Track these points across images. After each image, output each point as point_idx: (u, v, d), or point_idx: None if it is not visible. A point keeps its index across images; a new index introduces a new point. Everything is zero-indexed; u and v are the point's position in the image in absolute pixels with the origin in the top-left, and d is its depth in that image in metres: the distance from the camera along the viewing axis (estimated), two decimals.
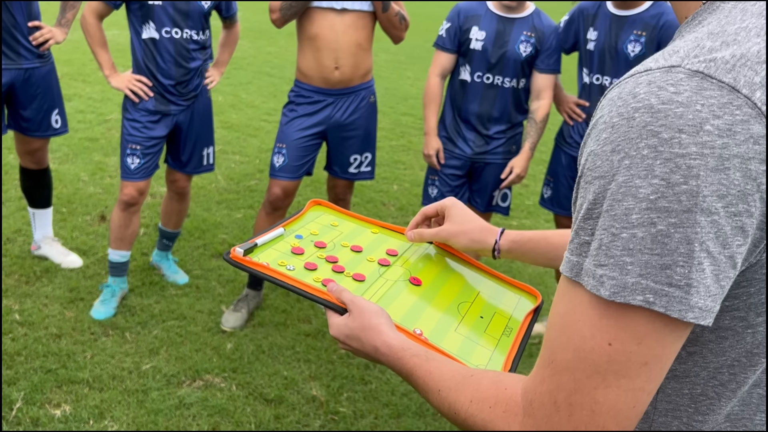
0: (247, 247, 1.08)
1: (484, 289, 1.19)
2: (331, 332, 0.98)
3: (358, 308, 0.95)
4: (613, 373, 0.62)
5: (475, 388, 0.76)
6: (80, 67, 7.72)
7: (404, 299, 1.08)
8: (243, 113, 6.86)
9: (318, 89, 3.02)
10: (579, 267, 0.64)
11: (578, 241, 0.64)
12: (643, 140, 0.59)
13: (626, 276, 0.60)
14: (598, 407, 0.62)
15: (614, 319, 0.61)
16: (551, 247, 1.10)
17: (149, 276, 3.41)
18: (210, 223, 4.14)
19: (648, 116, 0.60)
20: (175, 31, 2.88)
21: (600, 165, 0.62)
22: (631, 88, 0.62)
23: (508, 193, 3.20)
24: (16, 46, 3.05)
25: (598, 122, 0.65)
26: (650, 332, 0.61)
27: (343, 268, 1.12)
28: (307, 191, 4.90)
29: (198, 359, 2.79)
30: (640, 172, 0.59)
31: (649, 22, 2.79)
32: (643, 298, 0.59)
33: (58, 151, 4.97)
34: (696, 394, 0.70)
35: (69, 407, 2.43)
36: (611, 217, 0.61)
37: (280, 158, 3.06)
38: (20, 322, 2.89)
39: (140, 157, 2.97)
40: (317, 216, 1.30)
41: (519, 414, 0.69)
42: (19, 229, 3.73)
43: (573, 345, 0.64)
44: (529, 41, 2.92)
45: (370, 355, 0.93)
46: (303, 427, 2.49)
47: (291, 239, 1.18)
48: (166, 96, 2.97)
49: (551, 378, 0.65)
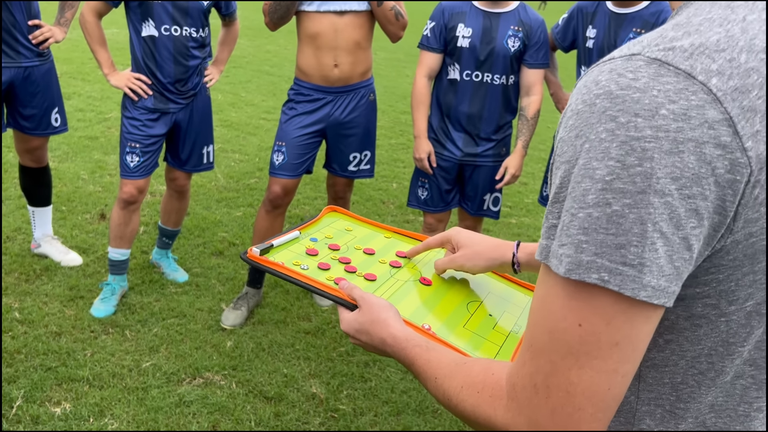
0: (263, 248, 1.13)
1: (494, 289, 1.21)
2: (341, 327, 1.00)
3: (368, 303, 0.98)
4: (585, 353, 0.63)
5: (466, 374, 0.77)
6: (80, 65, 7.71)
7: (414, 298, 1.11)
8: (242, 111, 6.86)
9: (317, 87, 3.02)
10: (547, 250, 0.66)
11: (547, 225, 0.67)
12: (601, 124, 0.61)
13: (581, 254, 0.61)
14: (573, 388, 0.63)
15: (582, 300, 0.62)
16: None
17: (149, 274, 3.41)
18: (210, 222, 4.14)
19: (607, 102, 0.62)
20: (175, 28, 2.88)
21: (566, 150, 0.65)
22: (594, 76, 0.65)
23: (499, 197, 3.12)
24: (16, 44, 3.05)
25: (567, 110, 0.67)
26: (617, 312, 0.62)
27: (355, 269, 1.15)
28: (307, 189, 4.91)
29: (198, 357, 2.79)
30: (597, 155, 0.61)
31: (648, 20, 2.79)
32: (598, 276, 0.61)
33: (57, 149, 4.97)
34: (676, 382, 0.71)
35: (69, 405, 2.43)
36: (572, 198, 0.63)
37: (279, 156, 3.06)
38: (20, 320, 2.90)
39: (139, 156, 2.98)
40: (332, 221, 1.34)
41: (503, 398, 0.70)
42: (19, 228, 3.73)
43: (548, 327, 0.65)
44: (517, 35, 2.87)
45: (378, 348, 0.95)
46: (303, 424, 2.49)
47: (306, 242, 1.22)
48: (165, 94, 2.97)
49: (531, 361, 0.67)
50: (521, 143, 2.97)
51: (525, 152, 2.99)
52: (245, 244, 3.88)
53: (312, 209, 4.59)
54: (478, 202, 3.11)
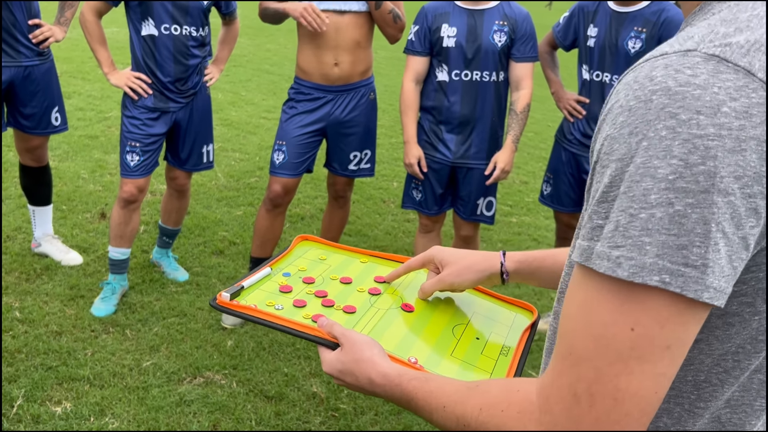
0: (233, 291, 1.07)
1: (479, 309, 1.16)
2: (324, 369, 0.95)
3: (350, 341, 0.93)
4: (635, 358, 0.61)
5: (484, 396, 0.75)
6: (80, 64, 7.71)
7: (397, 327, 1.06)
8: (243, 110, 6.86)
9: (318, 86, 3.02)
10: (590, 251, 0.64)
11: (591, 225, 0.64)
12: (661, 121, 0.60)
13: (644, 256, 0.60)
14: (621, 395, 0.62)
15: (636, 302, 0.61)
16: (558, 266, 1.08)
17: (149, 273, 3.41)
18: (210, 221, 4.14)
19: (666, 98, 0.60)
20: (174, 27, 2.88)
21: (617, 148, 0.63)
22: (647, 72, 0.63)
23: (493, 201, 3.05)
24: (16, 44, 3.05)
25: (614, 107, 0.65)
26: (673, 315, 0.60)
27: (333, 302, 1.10)
28: (308, 188, 4.91)
29: (198, 356, 2.79)
30: (658, 153, 0.60)
31: (649, 19, 2.78)
32: (659, 278, 0.59)
33: (57, 148, 4.97)
34: (699, 380, 0.70)
35: (70, 404, 2.43)
36: (629, 198, 0.61)
37: (280, 155, 3.06)
38: (21, 319, 2.90)
39: (140, 155, 2.97)
40: (305, 251, 1.28)
41: (535, 413, 0.68)
42: (20, 227, 3.73)
43: (593, 333, 0.63)
44: (503, 30, 2.82)
45: (365, 388, 0.91)
46: (303, 423, 2.49)
47: (279, 278, 1.16)
48: (165, 93, 2.97)
49: (570, 370, 0.64)
50: (511, 138, 2.91)
51: (515, 147, 2.93)
52: (246, 243, 3.88)
53: (312, 208, 4.59)
54: (472, 206, 3.04)
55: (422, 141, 3.00)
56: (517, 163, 6.32)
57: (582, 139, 3.03)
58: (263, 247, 3.17)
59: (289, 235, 4.10)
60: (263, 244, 3.16)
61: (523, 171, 6.08)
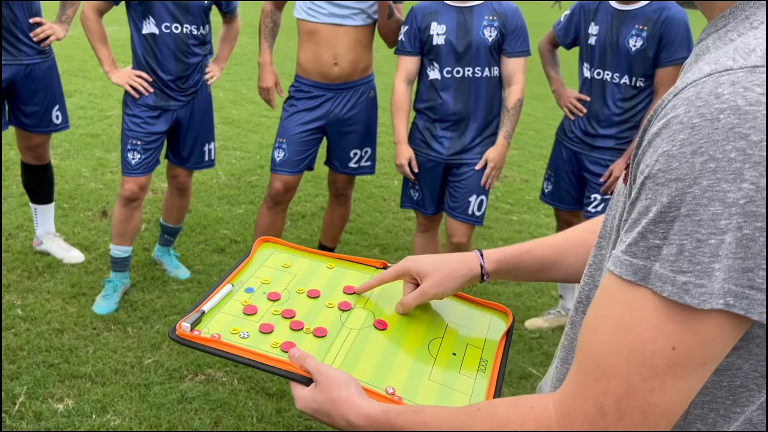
0: (194, 320, 0.98)
1: (453, 317, 1.12)
2: (297, 406, 0.91)
3: (325, 379, 0.89)
4: (671, 375, 0.61)
5: (491, 418, 0.73)
6: (81, 63, 7.72)
7: (371, 350, 1.01)
8: (243, 109, 6.86)
9: (317, 84, 3.02)
10: (646, 271, 0.62)
11: (645, 245, 0.62)
12: (730, 143, 0.58)
13: (714, 283, 0.59)
14: (651, 409, 0.62)
15: (684, 324, 0.60)
16: (535, 260, 1.08)
17: (151, 271, 3.42)
18: (211, 219, 4.15)
19: (735, 118, 0.58)
20: (175, 26, 2.89)
21: (677, 167, 0.60)
22: (712, 88, 0.60)
23: (484, 200, 3.00)
24: (17, 42, 3.05)
25: (672, 122, 0.62)
26: (718, 335, 0.60)
27: (302, 324, 1.02)
28: (308, 186, 4.91)
29: (200, 354, 2.80)
30: (727, 176, 0.57)
31: (650, 17, 2.78)
32: (724, 301, 0.58)
33: (59, 147, 4.98)
34: (735, 386, 0.68)
35: (71, 401, 2.44)
36: (695, 222, 0.59)
37: (280, 153, 3.06)
38: (22, 317, 2.91)
39: (141, 153, 2.98)
40: (267, 256, 1.20)
41: (553, 427, 0.67)
42: (21, 225, 3.74)
43: (628, 349, 0.62)
44: (493, 25, 2.80)
45: (343, 429, 0.87)
46: (304, 420, 2.50)
47: (241, 295, 1.08)
48: (166, 91, 2.98)
49: (597, 383, 0.64)
50: (502, 134, 2.89)
51: (507, 143, 2.90)
52: (247, 241, 3.89)
53: (313, 206, 4.60)
54: (464, 204, 2.98)
55: (417, 140, 2.98)
56: (518, 161, 6.32)
57: (583, 137, 3.03)
58: None
59: (290, 233, 4.10)
60: None
61: (523, 169, 6.09)
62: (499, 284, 3.81)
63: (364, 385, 0.91)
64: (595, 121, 2.97)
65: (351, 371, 0.94)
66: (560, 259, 1.07)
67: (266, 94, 3.17)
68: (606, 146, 2.97)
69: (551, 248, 1.09)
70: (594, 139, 2.99)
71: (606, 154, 2.98)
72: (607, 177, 2.96)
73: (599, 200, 3.02)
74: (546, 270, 1.09)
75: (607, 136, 2.95)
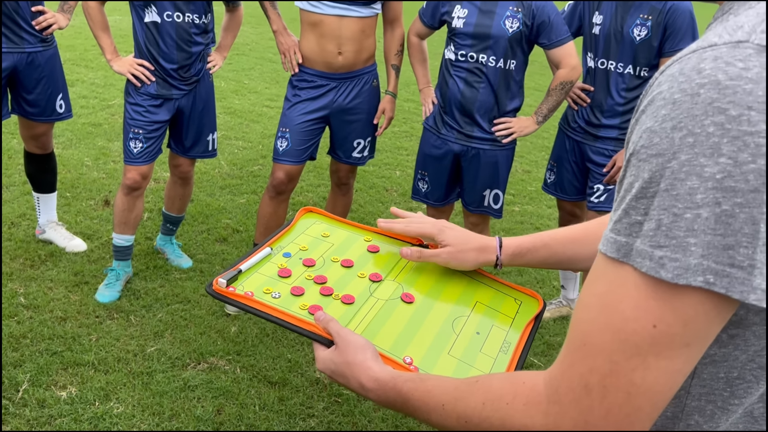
0: (230, 277, 1.04)
1: (482, 298, 1.13)
2: (317, 366, 0.95)
3: (344, 342, 0.92)
4: (654, 354, 0.60)
5: (486, 390, 0.74)
6: (83, 52, 7.70)
7: (395, 321, 1.03)
8: (246, 99, 6.85)
9: (321, 74, 3.02)
10: (628, 247, 0.62)
11: (628, 221, 0.62)
12: (708, 117, 0.57)
13: (689, 257, 0.58)
14: (635, 389, 0.61)
15: (663, 300, 0.59)
16: (551, 253, 1.10)
17: (153, 260, 3.43)
18: (213, 208, 4.15)
19: (715, 92, 0.57)
20: (177, 15, 2.88)
21: (658, 142, 0.60)
22: (694, 64, 0.60)
23: (499, 194, 3.01)
24: (19, 30, 3.04)
25: (656, 98, 0.62)
26: (699, 314, 0.59)
27: (331, 290, 1.07)
28: (310, 177, 4.91)
29: (202, 342, 2.81)
30: (705, 151, 0.57)
31: (655, 6, 2.77)
32: (704, 279, 0.57)
33: (61, 136, 4.97)
34: (732, 377, 0.67)
35: (75, 389, 2.45)
36: (672, 197, 0.58)
37: (283, 142, 3.06)
38: (25, 305, 2.91)
39: (143, 142, 2.98)
40: (308, 225, 1.25)
41: (542, 403, 0.67)
42: (24, 214, 3.74)
43: (612, 326, 0.62)
44: (516, 16, 2.76)
45: (357, 391, 0.90)
46: (307, 408, 2.51)
47: (279, 259, 1.13)
48: (168, 80, 2.97)
49: (583, 360, 0.64)
50: (537, 110, 2.92)
51: (535, 119, 2.92)
52: (249, 230, 3.89)
53: (315, 196, 4.60)
54: (477, 197, 3.01)
55: (428, 124, 3.05)
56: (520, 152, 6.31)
57: (586, 127, 3.02)
58: (267, 234, 3.18)
59: None
60: (267, 232, 3.17)
61: (526, 160, 6.08)
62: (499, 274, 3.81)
63: (382, 352, 0.94)
64: (598, 111, 2.97)
65: (372, 338, 0.97)
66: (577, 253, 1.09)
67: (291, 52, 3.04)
68: (609, 136, 2.96)
69: (570, 242, 1.10)
70: (597, 129, 2.99)
71: (609, 144, 2.97)
72: (610, 167, 2.96)
73: (602, 190, 3.01)
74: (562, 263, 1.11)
75: (611, 126, 2.95)
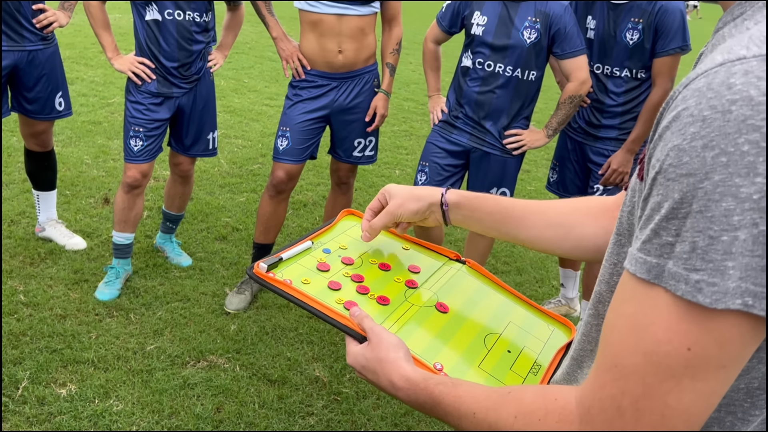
0: (271, 262, 1.06)
1: (516, 319, 1.13)
2: (348, 360, 0.95)
3: (377, 338, 0.92)
4: (689, 377, 0.59)
5: (519, 403, 0.73)
6: (82, 50, 7.70)
7: (428, 328, 1.03)
8: (245, 98, 6.85)
9: (322, 73, 3.02)
10: (660, 269, 0.60)
11: (659, 242, 0.60)
12: (742, 135, 0.55)
13: (728, 281, 0.56)
14: (670, 411, 0.60)
15: (697, 323, 0.58)
16: (499, 208, 1.07)
17: (153, 258, 3.43)
18: (213, 207, 4.15)
19: (748, 109, 0.55)
20: (178, 13, 2.88)
21: (688, 162, 0.58)
22: (723, 78, 0.57)
23: (507, 192, 3.01)
24: (20, 28, 3.05)
25: (681, 114, 0.59)
26: (735, 336, 0.58)
27: (368, 289, 1.07)
28: (310, 176, 4.91)
29: (202, 340, 2.81)
30: (740, 170, 0.55)
31: (645, 9, 2.77)
32: (742, 301, 0.56)
33: (61, 134, 4.97)
34: (753, 388, 0.66)
35: (74, 386, 2.45)
36: (707, 219, 0.56)
37: (283, 141, 3.06)
38: (25, 302, 2.91)
39: (143, 140, 2.98)
40: (349, 227, 1.25)
41: (575, 423, 0.66)
42: (23, 211, 3.74)
43: (644, 349, 0.61)
44: (534, 27, 2.75)
45: (385, 389, 0.90)
46: (306, 407, 2.51)
47: (318, 253, 1.14)
48: (169, 78, 2.97)
49: (614, 383, 0.63)
50: (547, 123, 2.93)
51: (545, 131, 2.92)
52: (249, 229, 3.89)
53: (315, 195, 4.60)
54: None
55: (442, 122, 3.03)
56: None
57: (586, 128, 3.04)
58: (266, 233, 3.18)
59: (292, 222, 4.11)
60: (266, 230, 3.18)
61: (525, 160, 6.07)
62: (498, 273, 3.82)
63: (413, 354, 0.93)
64: (598, 112, 2.98)
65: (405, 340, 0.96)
66: (524, 216, 1.06)
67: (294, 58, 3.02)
68: (609, 136, 2.98)
69: (521, 204, 1.07)
70: (597, 129, 3.00)
71: (609, 144, 2.98)
72: (605, 169, 2.97)
73: (602, 190, 3.03)
74: (506, 222, 1.07)
75: (610, 126, 2.96)
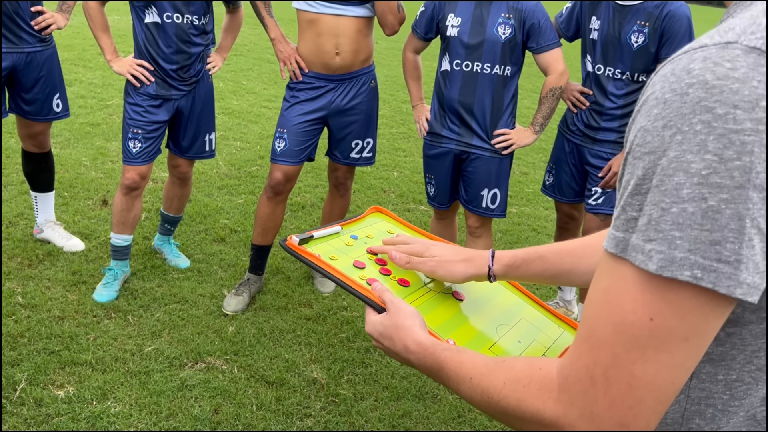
0: (302, 237, 1.13)
1: (528, 316, 1.18)
2: (366, 329, 1.01)
3: (396, 308, 0.97)
4: (653, 347, 0.62)
5: (509, 371, 0.77)
6: (81, 52, 7.69)
7: (444, 310, 1.09)
8: (244, 100, 6.86)
9: (319, 75, 3.02)
10: (625, 243, 0.64)
11: (625, 217, 0.64)
12: (696, 116, 0.59)
13: (674, 250, 0.60)
14: (636, 381, 0.63)
15: (658, 293, 0.61)
16: (547, 265, 1.09)
17: (151, 260, 3.43)
18: (211, 209, 4.15)
19: (702, 92, 0.59)
20: (177, 16, 2.89)
21: (650, 140, 0.62)
22: (685, 64, 0.62)
23: (497, 193, 3.01)
24: (18, 30, 3.05)
25: (649, 98, 0.64)
26: (694, 308, 0.60)
27: (390, 272, 1.14)
28: (308, 177, 4.92)
29: (200, 342, 2.81)
30: (692, 147, 0.59)
31: (652, 12, 2.77)
32: (691, 273, 0.59)
33: (59, 135, 4.97)
34: (731, 380, 0.69)
35: (72, 388, 2.45)
36: (661, 192, 0.61)
37: (281, 143, 3.07)
38: (23, 304, 2.91)
39: (142, 142, 2.98)
40: (375, 222, 1.32)
41: (554, 390, 0.69)
42: (22, 213, 3.74)
43: (613, 319, 0.64)
44: (508, 23, 2.77)
45: (400, 354, 0.94)
46: (304, 408, 2.51)
47: (346, 238, 1.21)
48: (168, 81, 2.98)
49: (588, 353, 0.66)
50: (532, 120, 2.94)
51: (532, 129, 2.93)
52: (246, 231, 3.89)
53: (313, 197, 4.60)
54: (476, 197, 3.00)
55: (429, 134, 3.03)
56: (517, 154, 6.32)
57: (585, 130, 3.03)
58: (264, 234, 3.18)
59: (290, 224, 4.11)
60: (264, 232, 3.18)
61: (523, 162, 6.09)
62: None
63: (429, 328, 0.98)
64: (597, 115, 2.98)
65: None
66: (575, 266, 1.08)
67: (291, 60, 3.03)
68: (608, 139, 2.97)
69: (568, 254, 1.09)
70: (596, 132, 2.99)
71: (608, 147, 2.98)
72: (605, 172, 2.97)
73: (600, 193, 3.02)
74: (559, 277, 1.10)
75: (609, 129, 2.96)
